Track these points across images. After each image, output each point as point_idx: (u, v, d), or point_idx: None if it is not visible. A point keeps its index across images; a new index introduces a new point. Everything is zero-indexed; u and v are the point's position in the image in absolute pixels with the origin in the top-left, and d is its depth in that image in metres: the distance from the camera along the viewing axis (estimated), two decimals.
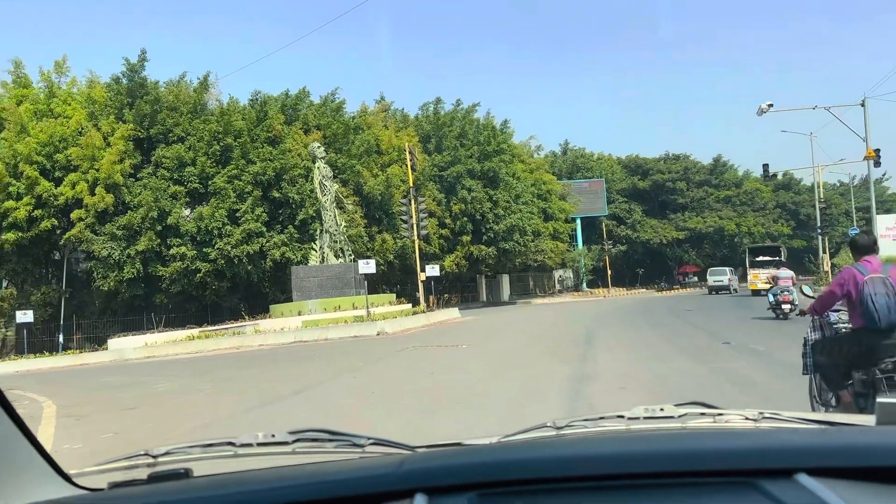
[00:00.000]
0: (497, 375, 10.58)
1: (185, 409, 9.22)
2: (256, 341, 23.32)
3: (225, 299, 33.78)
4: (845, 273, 5.02)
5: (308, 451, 1.41)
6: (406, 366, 12.62)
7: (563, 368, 10.50)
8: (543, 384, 9.14)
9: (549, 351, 13.50)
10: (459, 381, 10.17)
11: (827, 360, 5.24)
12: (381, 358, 14.34)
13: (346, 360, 14.52)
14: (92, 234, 29.69)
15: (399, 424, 7.18)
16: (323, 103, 40.18)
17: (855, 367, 4.94)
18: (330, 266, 27.79)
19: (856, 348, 4.95)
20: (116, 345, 25.96)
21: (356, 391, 9.74)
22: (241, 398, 9.60)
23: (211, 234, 31.04)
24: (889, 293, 4.79)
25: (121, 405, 9.56)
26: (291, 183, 33.46)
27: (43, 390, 14.11)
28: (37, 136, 29.76)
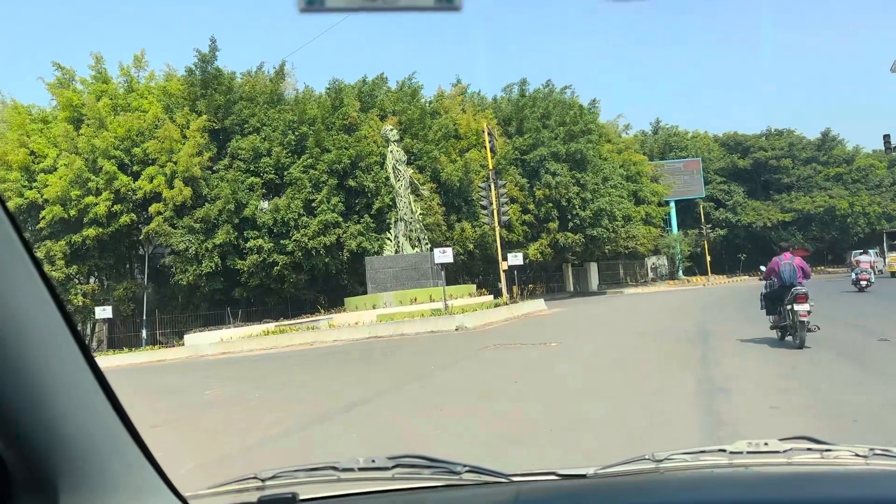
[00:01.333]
0: (600, 386, 8.55)
1: (214, 430, 7.72)
2: (331, 336, 22.07)
3: (304, 292, 32.98)
4: (774, 261, 11.36)
5: (406, 476, 1.43)
6: (485, 371, 10.72)
7: (685, 377, 8.35)
8: (663, 401, 7.07)
9: (659, 352, 11.30)
10: (551, 394, 8.19)
11: (769, 300, 11.58)
12: (456, 360, 12.52)
13: (417, 362, 12.81)
14: (170, 227, 29.40)
15: (474, 458, 5.29)
16: (400, 88, 38.80)
17: (779, 302, 11.15)
18: (405, 256, 26.24)
19: (778, 294, 11.11)
20: (192, 340, 25.42)
21: (422, 407, 7.94)
22: (283, 415, 8.01)
23: (287, 226, 30.20)
24: (790, 269, 10.95)
25: (147, 420, 8.24)
26: (367, 171, 32.21)
27: None
28: (115, 130, 29.72)
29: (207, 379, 14.12)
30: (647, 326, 16.54)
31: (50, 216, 28.21)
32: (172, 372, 18.04)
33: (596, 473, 1.40)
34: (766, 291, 11.69)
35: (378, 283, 25.57)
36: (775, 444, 1.41)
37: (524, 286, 40.40)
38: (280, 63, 34.61)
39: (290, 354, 19.20)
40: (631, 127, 60.26)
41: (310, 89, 35.92)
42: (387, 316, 22.18)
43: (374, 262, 26.46)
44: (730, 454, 1.40)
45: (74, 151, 29.11)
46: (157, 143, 29.59)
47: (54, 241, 28.88)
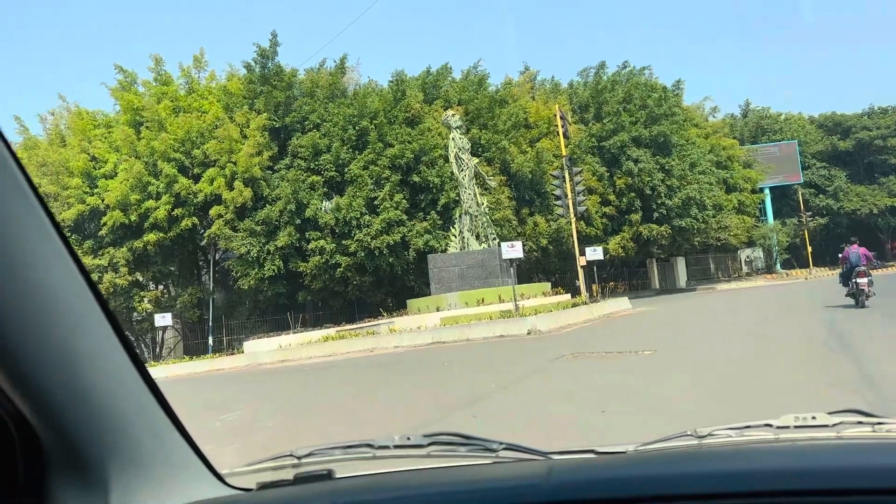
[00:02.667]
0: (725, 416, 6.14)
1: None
2: (391, 342, 20.18)
3: (369, 294, 31.40)
4: (845, 251, 16.76)
5: (442, 454, 1.43)
6: (559, 391, 8.41)
7: (853, 402, 5.81)
8: None
9: (793, 362, 8.68)
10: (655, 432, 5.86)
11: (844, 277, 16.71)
12: (524, 374, 10.23)
13: (477, 377, 10.62)
14: (231, 230, 28.38)
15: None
16: (465, 77, 36.76)
17: (849, 277, 16.34)
18: (471, 253, 24.03)
19: (848, 273, 16.34)
20: (251, 348, 24.14)
21: None
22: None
23: (349, 226, 28.65)
24: (856, 256, 16.15)
25: None
26: (431, 165, 30.33)
27: None
28: (174, 132, 28.99)
29: (240, 395, 12.44)
30: (760, 328, 13.71)
31: (111, 222, 27.69)
32: (213, 384, 16.58)
33: (636, 450, 1.40)
34: (841, 271, 16.91)
35: (442, 282, 23.50)
36: (824, 418, 1.37)
37: (604, 284, 37.47)
38: (341, 56, 33.02)
39: (345, 363, 17.41)
40: (719, 110, 55.95)
41: (372, 82, 34.44)
42: (451, 319, 20.09)
43: (437, 261, 24.39)
44: (776, 429, 1.37)
45: (135, 155, 28.55)
46: (217, 143, 28.66)
47: (117, 247, 28.39)
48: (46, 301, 0.95)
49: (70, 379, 1.02)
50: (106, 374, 1.06)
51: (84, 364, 1.03)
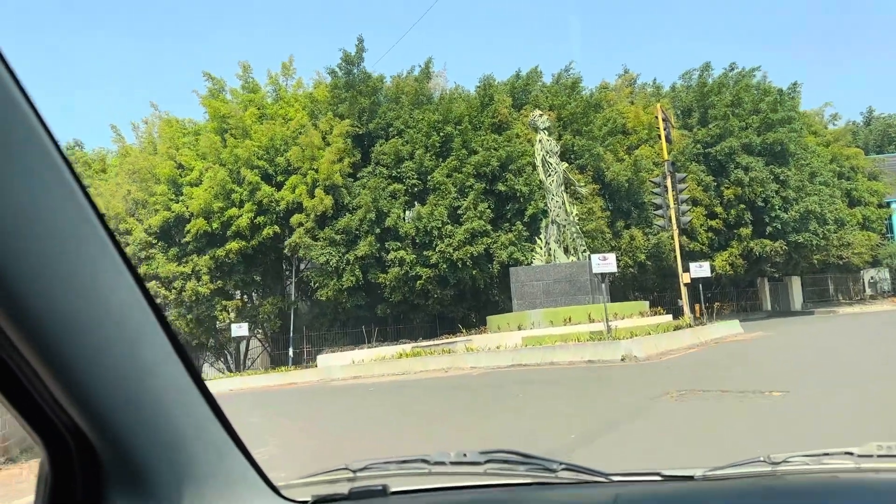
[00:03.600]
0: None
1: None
2: (468, 362, 18.44)
3: (450, 309, 29.82)
4: None
5: (499, 472, 1.39)
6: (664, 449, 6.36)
7: None
8: None
9: None
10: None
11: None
12: (615, 417, 8.18)
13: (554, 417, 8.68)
14: (311, 239, 27.59)
15: None
16: (556, 81, 34.77)
17: None
18: (558, 266, 21.90)
19: None
20: (325, 362, 23.07)
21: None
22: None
23: (431, 236, 27.23)
24: None
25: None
26: (518, 173, 28.52)
27: None
28: (258, 139, 28.65)
29: (284, 420, 11.05)
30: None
31: (195, 229, 27.54)
32: (271, 401, 15.37)
33: (704, 476, 1.35)
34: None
35: (525, 298, 21.50)
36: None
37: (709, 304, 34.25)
38: (426, 60, 31.87)
39: (415, 385, 15.82)
40: (840, 117, 50.97)
41: (459, 88, 33.07)
42: (534, 339, 18.10)
43: (520, 274, 22.42)
44: (857, 457, 1.30)
45: (219, 163, 28.38)
46: (300, 150, 28.06)
47: (200, 255, 28.22)
48: (106, 314, 0.94)
49: (128, 392, 1.00)
50: (164, 387, 1.05)
51: (142, 377, 1.02)
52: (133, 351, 0.99)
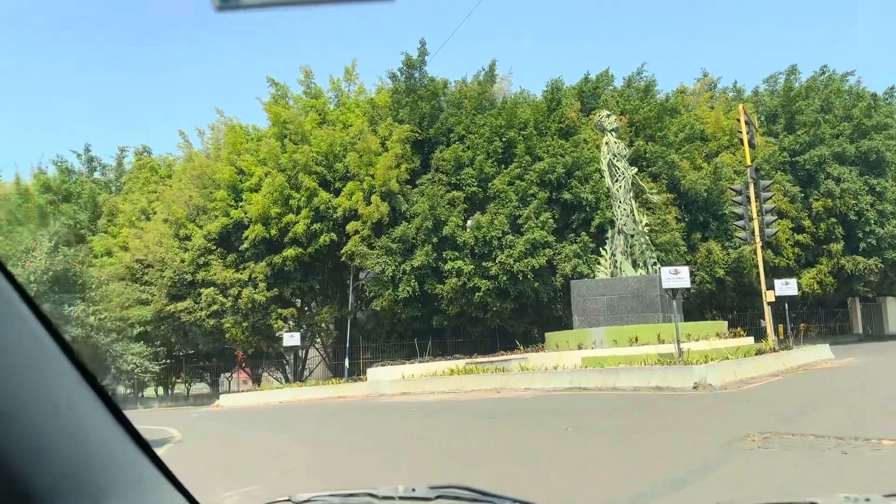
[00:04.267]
0: None
1: None
2: (522, 382, 17.01)
3: (511, 323, 28.39)
4: None
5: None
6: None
7: None
8: None
9: None
10: None
11: None
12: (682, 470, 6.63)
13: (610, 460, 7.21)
14: (367, 248, 26.77)
15: None
16: (627, 85, 32.93)
17: None
18: (624, 280, 20.13)
19: None
20: (375, 375, 22.10)
21: None
22: None
23: (490, 246, 25.93)
24: None
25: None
26: (585, 181, 26.92)
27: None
28: (317, 145, 28.14)
29: (297, 445, 9.93)
30: None
31: (252, 236, 27.20)
32: (297, 419, 14.37)
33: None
34: None
35: (586, 314, 19.85)
36: (878, 501, 1.25)
37: (795, 326, 31.50)
38: (490, 64, 30.68)
39: (463, 406, 14.54)
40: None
41: (524, 92, 31.71)
42: (595, 360, 16.49)
43: (581, 288, 20.76)
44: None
45: (279, 168, 28.01)
46: (357, 156, 27.37)
47: (256, 262, 27.87)
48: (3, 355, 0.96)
49: (33, 429, 0.99)
50: (74, 422, 1.05)
51: (47, 414, 1.01)
52: (37, 389, 0.99)
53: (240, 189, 28.74)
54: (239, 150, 29.85)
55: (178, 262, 27.86)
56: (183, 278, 27.86)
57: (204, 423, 17.42)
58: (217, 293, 27.54)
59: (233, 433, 13.54)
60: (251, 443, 11.73)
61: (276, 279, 28.27)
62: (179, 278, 27.88)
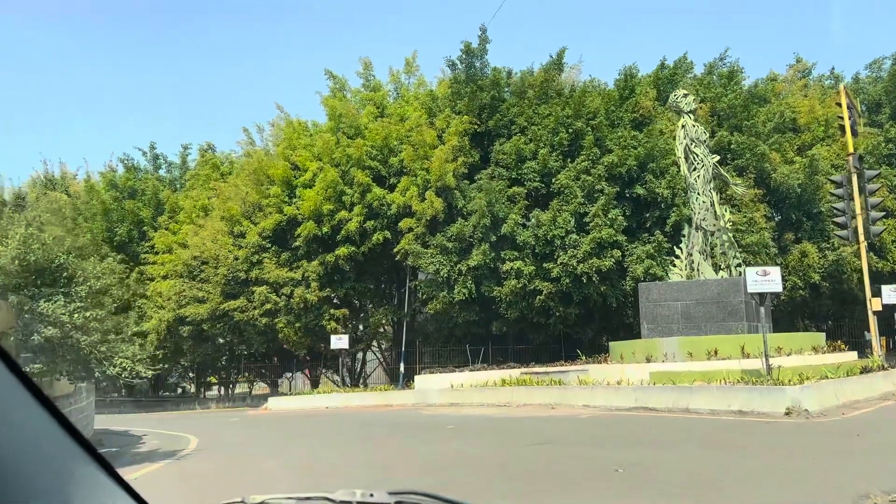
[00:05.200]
0: None
1: None
2: (580, 398, 14.98)
3: (576, 329, 26.21)
4: None
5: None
6: None
7: None
8: None
9: None
10: None
11: None
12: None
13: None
14: (421, 246, 25.23)
15: None
16: (708, 72, 30.11)
17: None
18: (702, 283, 17.63)
19: None
20: (423, 383, 20.56)
21: None
22: None
23: (552, 246, 23.90)
24: None
25: None
26: (660, 175, 24.51)
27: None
28: (372, 138, 26.85)
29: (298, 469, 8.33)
30: None
31: (305, 233, 26.17)
32: (328, 428, 12.81)
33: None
34: None
35: (657, 322, 17.52)
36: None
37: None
38: (559, 51, 28.54)
39: (511, 423, 12.69)
40: None
41: (594, 80, 29.44)
42: (666, 375, 14.25)
43: (651, 291, 18.39)
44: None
45: (332, 163, 26.89)
46: (412, 149, 25.90)
47: (309, 260, 26.81)
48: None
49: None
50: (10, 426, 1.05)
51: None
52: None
53: (294, 185, 27.79)
54: (294, 146, 28.94)
55: (232, 260, 27.15)
56: (237, 276, 27.15)
57: (234, 431, 16.26)
58: (270, 292, 26.65)
59: (245, 448, 12.19)
60: (252, 461, 10.30)
61: (330, 279, 27.15)
62: (233, 276, 27.18)
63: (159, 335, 28.88)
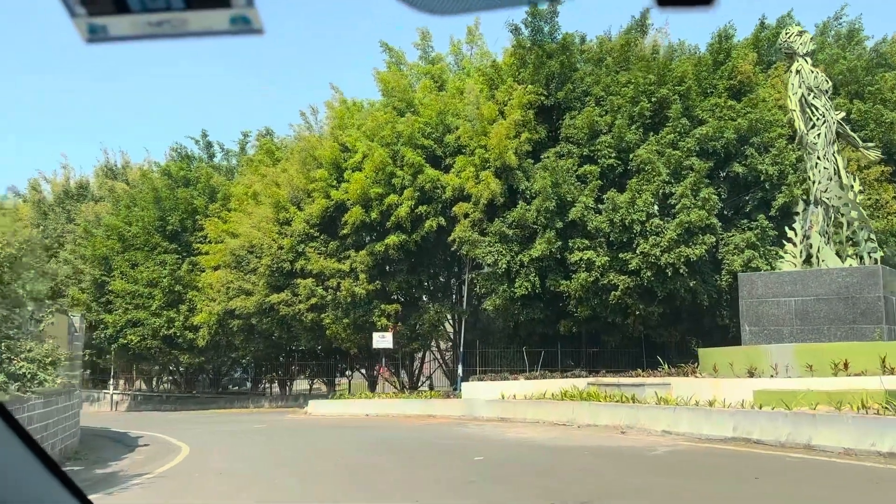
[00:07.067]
0: None
1: None
2: (658, 422, 11.58)
3: (659, 332, 22.55)
4: None
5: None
6: None
7: None
8: None
9: None
10: None
11: None
12: None
13: None
14: (479, 234, 22.22)
15: None
16: (821, 32, 25.61)
17: None
18: (825, 273, 13.59)
19: None
20: (471, 391, 17.63)
21: None
22: None
23: (630, 232, 20.38)
24: None
25: None
26: (763, 149, 20.58)
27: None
28: (425, 114, 24.05)
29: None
30: None
31: (352, 220, 23.68)
32: (334, 450, 9.99)
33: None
34: None
35: (763, 323, 13.73)
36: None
37: None
38: (642, 11, 24.83)
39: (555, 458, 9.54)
40: None
41: (683, 44, 25.57)
42: (776, 396, 10.61)
43: (755, 285, 14.53)
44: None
45: (383, 143, 24.28)
46: (468, 125, 22.93)
47: (357, 250, 24.33)
48: None
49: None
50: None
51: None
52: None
53: (342, 168, 25.35)
54: (344, 125, 26.54)
55: (276, 249, 25.05)
56: (281, 267, 25.02)
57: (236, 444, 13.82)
58: (316, 285, 24.36)
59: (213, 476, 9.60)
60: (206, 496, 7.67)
61: (380, 271, 24.63)
62: (278, 267, 25.07)
63: (210, 329, 27.42)
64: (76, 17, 0.89)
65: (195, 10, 0.87)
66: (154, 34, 0.90)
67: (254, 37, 0.91)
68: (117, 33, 0.90)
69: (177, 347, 29.56)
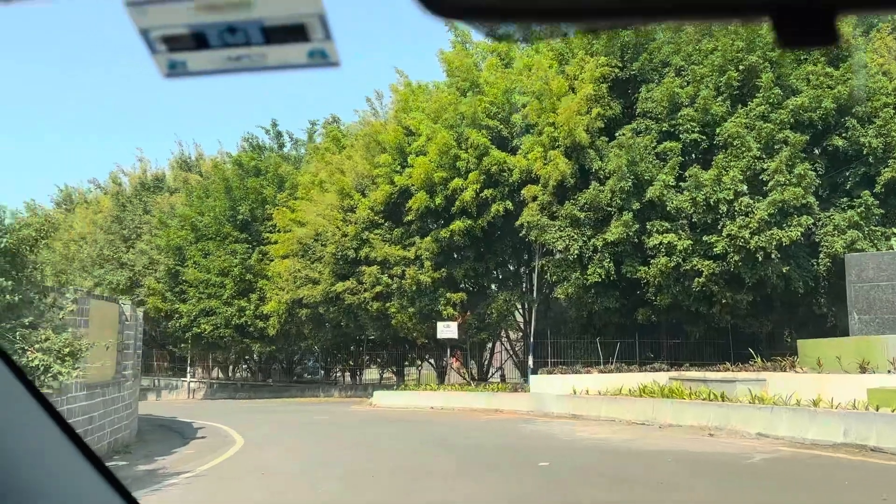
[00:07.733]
0: None
1: None
2: (752, 423, 10.21)
3: (748, 322, 20.78)
4: None
5: None
6: None
7: None
8: None
9: None
10: None
11: None
12: None
13: None
14: (548, 218, 21.00)
15: None
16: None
17: None
18: None
19: None
20: (540, 385, 16.54)
21: None
22: None
23: (715, 213, 18.71)
24: None
25: None
26: (866, 121, 18.49)
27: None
28: (490, 93, 22.95)
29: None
30: None
31: (416, 206, 22.92)
32: (377, 450, 9.16)
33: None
34: None
35: (876, 311, 12.05)
36: None
37: None
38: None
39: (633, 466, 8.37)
40: None
41: None
42: (892, 394, 9.04)
43: (865, 266, 12.85)
44: None
45: (446, 125, 23.36)
46: (537, 102, 21.68)
47: (422, 237, 23.57)
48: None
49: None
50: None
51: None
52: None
53: (406, 152, 24.58)
54: (408, 108, 25.74)
55: (340, 237, 24.59)
56: (346, 255, 24.57)
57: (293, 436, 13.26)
58: (380, 272, 23.77)
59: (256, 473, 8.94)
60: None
61: (446, 258, 23.79)
62: (342, 255, 24.63)
63: (280, 317, 27.41)
64: (156, 54, 0.87)
65: (274, 45, 0.86)
66: (232, 69, 0.91)
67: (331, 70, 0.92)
68: (196, 68, 0.91)
69: (248, 336, 29.72)
